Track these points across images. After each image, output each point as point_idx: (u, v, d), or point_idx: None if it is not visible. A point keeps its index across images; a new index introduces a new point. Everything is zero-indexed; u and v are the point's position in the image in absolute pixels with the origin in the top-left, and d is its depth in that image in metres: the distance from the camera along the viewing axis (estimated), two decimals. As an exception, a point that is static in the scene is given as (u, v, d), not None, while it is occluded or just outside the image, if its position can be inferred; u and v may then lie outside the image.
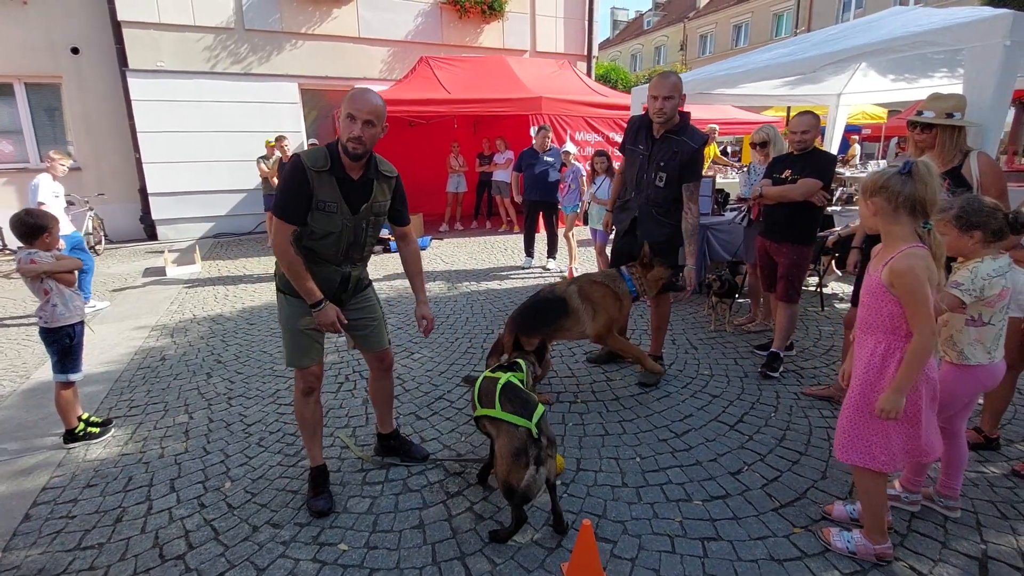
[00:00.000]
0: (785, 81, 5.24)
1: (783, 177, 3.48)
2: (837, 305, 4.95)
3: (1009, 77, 2.70)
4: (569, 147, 6.39)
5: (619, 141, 3.61)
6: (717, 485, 2.40)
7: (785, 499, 2.30)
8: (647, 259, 3.16)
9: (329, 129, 9.89)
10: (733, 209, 5.63)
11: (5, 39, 8.42)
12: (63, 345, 2.84)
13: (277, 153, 7.68)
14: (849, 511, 2.13)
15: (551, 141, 6.66)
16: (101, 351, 4.26)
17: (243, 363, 3.96)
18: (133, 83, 8.87)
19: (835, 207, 5.57)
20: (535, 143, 6.58)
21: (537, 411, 2.04)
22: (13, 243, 8.05)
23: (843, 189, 6.34)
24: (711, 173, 8.21)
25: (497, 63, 9.69)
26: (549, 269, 6.57)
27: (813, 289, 5.11)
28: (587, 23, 12.02)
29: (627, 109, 7.98)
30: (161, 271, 6.93)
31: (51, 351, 2.85)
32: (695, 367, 3.68)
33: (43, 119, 9.23)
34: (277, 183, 6.35)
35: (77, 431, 2.89)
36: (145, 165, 9.17)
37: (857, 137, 14.16)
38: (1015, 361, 2.38)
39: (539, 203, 6.61)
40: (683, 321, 4.58)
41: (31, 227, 2.80)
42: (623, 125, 3.60)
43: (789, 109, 12.17)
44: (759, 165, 4.37)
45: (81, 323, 2.93)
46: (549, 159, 6.47)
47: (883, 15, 4.30)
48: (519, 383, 2.23)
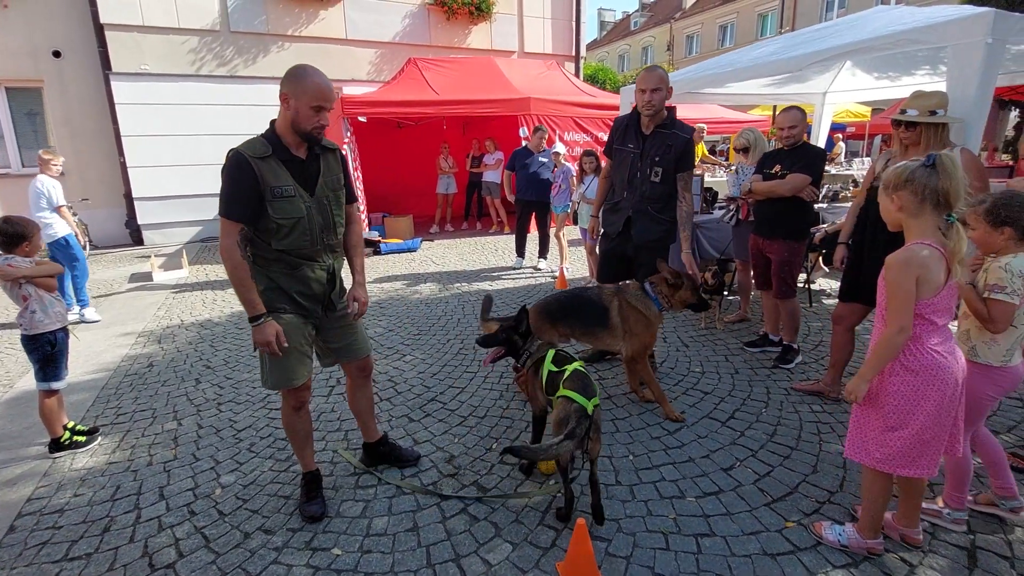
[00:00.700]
0: (771, 80, 5.29)
1: (773, 172, 3.51)
2: (825, 301, 5.00)
3: (991, 74, 2.74)
4: (559, 147, 6.41)
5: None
6: (710, 481, 2.41)
7: (777, 494, 2.31)
8: (674, 279, 2.99)
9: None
10: (721, 207, 5.68)
11: (-16, 42, 8.29)
12: (44, 353, 2.79)
13: None
14: (837, 532, 2.02)
15: (545, 143, 6.68)
16: (87, 358, 4.19)
17: (232, 368, 3.92)
18: (117, 86, 8.76)
19: (821, 204, 5.63)
20: (532, 143, 6.58)
21: (595, 399, 2.15)
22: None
23: (829, 186, 6.41)
24: (699, 172, 8.27)
25: (485, 64, 9.69)
26: (540, 269, 6.58)
27: (801, 285, 5.15)
28: (575, 24, 12.07)
29: (616, 109, 8.01)
30: (148, 276, 6.85)
31: (32, 359, 2.80)
32: (686, 364, 3.70)
33: (24, 123, 9.07)
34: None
35: (63, 440, 2.84)
36: (130, 169, 9.05)
37: (841, 135, 14.34)
38: None
39: (533, 203, 6.62)
40: (674, 319, 4.60)
41: (10, 236, 2.75)
42: (611, 125, 3.58)
43: (775, 108, 12.31)
44: (745, 166, 4.41)
45: (63, 330, 2.88)
46: (543, 159, 6.48)
47: (867, 14, 4.36)
48: (585, 371, 2.29)
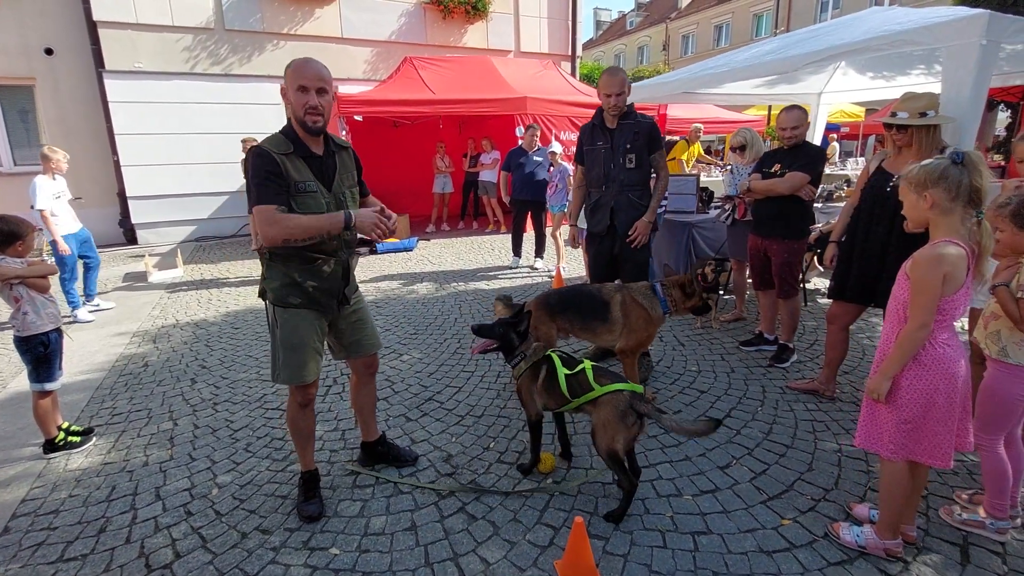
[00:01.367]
0: (767, 80, 5.31)
1: (772, 171, 3.53)
2: (820, 300, 5.03)
3: (985, 75, 2.76)
4: (555, 147, 6.41)
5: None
6: (706, 480, 2.42)
7: (773, 492, 2.33)
8: (689, 287, 3.02)
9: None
10: (716, 207, 5.69)
11: (-25, 40, 8.20)
12: (37, 354, 2.77)
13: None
14: (871, 515, 2.08)
15: (537, 141, 6.68)
16: (81, 358, 4.16)
17: (228, 368, 3.91)
18: (110, 84, 8.69)
19: (816, 204, 5.65)
20: (525, 142, 6.59)
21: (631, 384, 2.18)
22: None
23: (823, 186, 6.44)
24: (695, 171, 8.29)
25: (482, 63, 9.68)
26: (537, 268, 6.58)
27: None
28: (571, 23, 12.07)
29: (612, 108, 8.01)
30: (142, 276, 6.80)
31: (25, 360, 2.78)
32: (682, 364, 3.71)
33: (16, 122, 8.99)
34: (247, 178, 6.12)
35: (57, 441, 2.83)
36: (124, 168, 8.98)
37: (835, 135, 14.43)
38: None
39: (528, 203, 6.63)
40: (669, 318, 4.60)
41: (6, 234, 2.73)
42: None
43: (770, 108, 12.38)
44: (741, 166, 4.43)
45: (57, 330, 2.86)
46: (538, 158, 6.49)
47: (862, 15, 4.37)
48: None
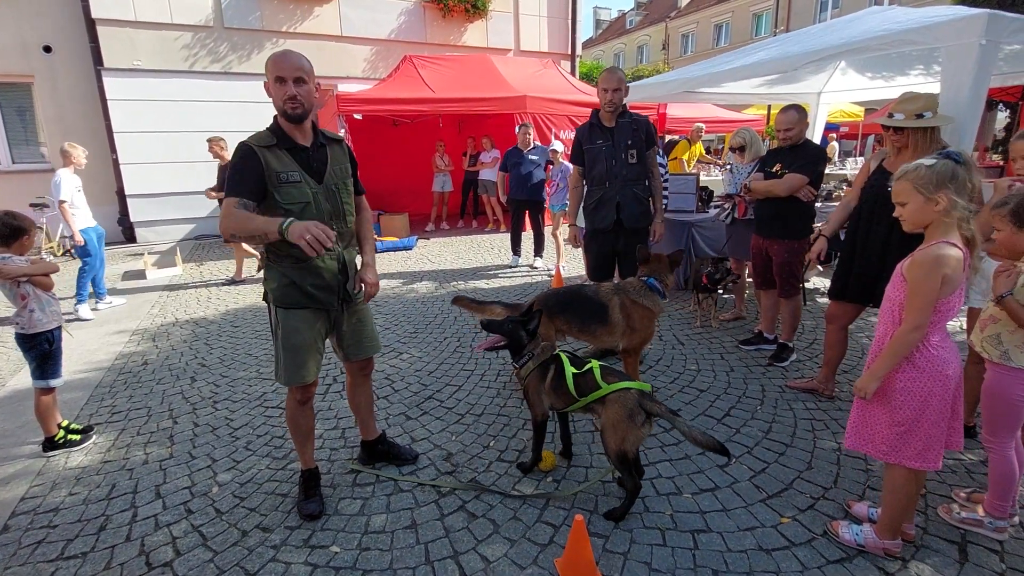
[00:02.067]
0: (766, 80, 5.31)
1: (773, 171, 3.53)
2: (819, 300, 5.04)
3: (984, 75, 2.76)
4: (556, 145, 6.41)
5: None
6: (706, 478, 2.43)
7: (772, 490, 2.34)
8: (673, 256, 3.10)
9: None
10: (716, 206, 5.70)
11: (-27, 37, 8.18)
12: (43, 351, 2.78)
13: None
14: (870, 514, 2.08)
15: (534, 139, 6.68)
16: (80, 356, 4.16)
17: (228, 366, 3.90)
18: (109, 82, 8.68)
19: (816, 204, 5.66)
20: (519, 141, 6.59)
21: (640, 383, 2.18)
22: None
23: (823, 186, 6.44)
24: (695, 171, 8.30)
25: (481, 62, 9.67)
26: (536, 267, 6.59)
27: (796, 284, 5.19)
28: (570, 22, 12.07)
29: (611, 108, 8.01)
30: (141, 274, 6.80)
31: (30, 357, 2.78)
32: (682, 362, 3.72)
33: (14, 120, 8.98)
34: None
35: (57, 439, 2.82)
36: (122, 166, 8.98)
37: (835, 135, 14.45)
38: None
39: (525, 202, 6.63)
40: (669, 317, 4.62)
41: (13, 229, 2.74)
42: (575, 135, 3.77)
43: (770, 107, 12.38)
44: (740, 166, 4.43)
45: (59, 328, 2.87)
46: (534, 157, 6.49)
47: (861, 14, 4.38)
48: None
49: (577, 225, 3.94)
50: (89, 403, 3.40)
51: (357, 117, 8.59)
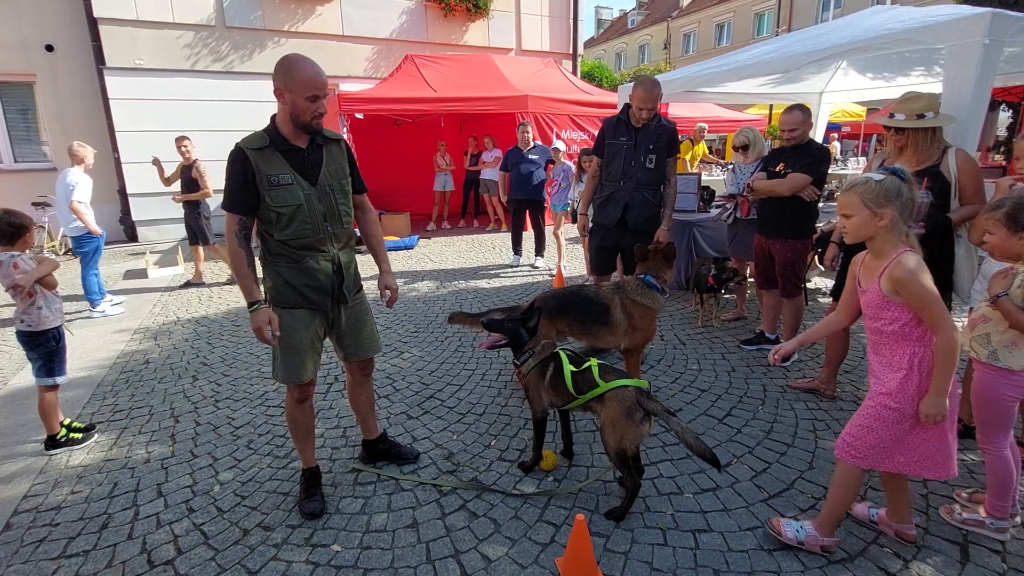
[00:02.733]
0: (768, 79, 5.31)
1: (776, 170, 3.53)
2: (820, 300, 5.03)
3: (987, 75, 2.75)
4: (558, 145, 6.41)
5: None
6: (707, 478, 2.42)
7: (774, 490, 2.33)
8: (666, 249, 3.11)
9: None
10: (718, 206, 5.69)
11: (-24, 36, 8.20)
12: (49, 348, 2.80)
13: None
14: (871, 514, 2.08)
15: (535, 138, 6.67)
16: (82, 355, 4.17)
17: (230, 365, 3.91)
18: (110, 81, 8.69)
19: (818, 203, 5.65)
20: (519, 141, 6.60)
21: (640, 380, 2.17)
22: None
23: (825, 186, 6.43)
24: (697, 171, 8.29)
25: (483, 61, 9.67)
26: (537, 267, 6.59)
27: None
28: (572, 22, 12.06)
29: (613, 107, 8.01)
30: (143, 273, 6.80)
31: (36, 355, 2.79)
32: (683, 362, 3.71)
33: (16, 119, 8.99)
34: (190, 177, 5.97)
35: (59, 437, 2.83)
36: (124, 165, 8.99)
37: (836, 135, 14.43)
38: None
39: (524, 202, 6.64)
40: (671, 317, 4.62)
41: (16, 227, 2.75)
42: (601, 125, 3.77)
43: (771, 107, 12.37)
44: (742, 165, 4.43)
45: (61, 325, 2.89)
46: (534, 157, 6.49)
47: (863, 14, 4.38)
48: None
49: (588, 215, 3.95)
50: (91, 402, 3.40)
51: (359, 116, 8.59)
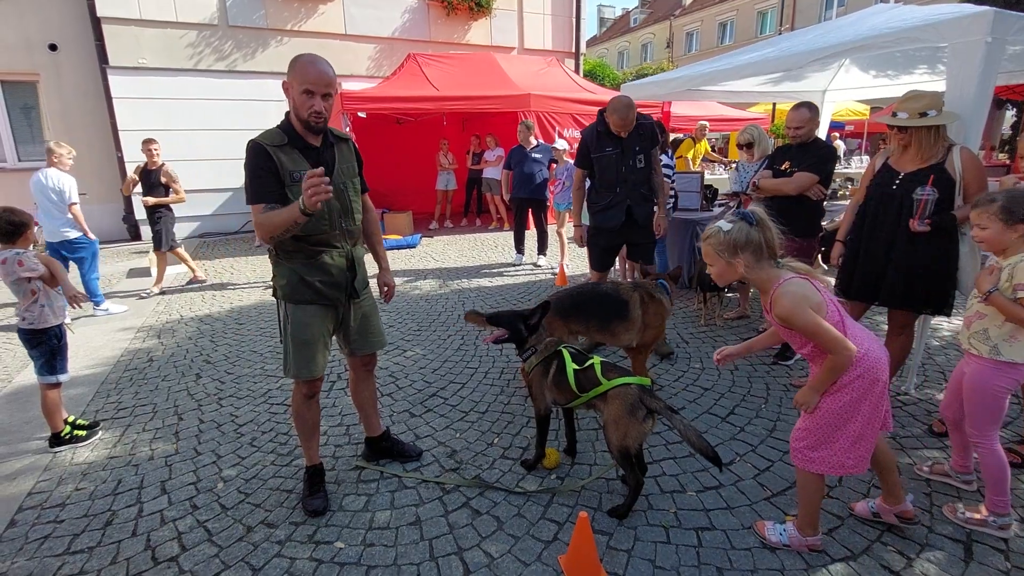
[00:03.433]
0: (771, 78, 5.29)
1: (782, 168, 3.51)
2: (824, 298, 5.02)
3: (990, 73, 2.74)
4: (560, 143, 6.40)
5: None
6: (710, 476, 2.42)
7: (777, 488, 2.33)
8: (675, 273, 3.30)
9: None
10: (721, 205, 5.69)
11: (-20, 35, 8.22)
12: (51, 346, 2.81)
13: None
14: (870, 507, 2.09)
15: (536, 136, 6.66)
16: (85, 353, 4.18)
17: (233, 363, 3.92)
18: (114, 80, 8.71)
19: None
20: (521, 139, 6.59)
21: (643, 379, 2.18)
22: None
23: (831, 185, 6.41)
24: (700, 169, 8.28)
25: (485, 60, 9.66)
26: (540, 266, 6.59)
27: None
28: (574, 20, 12.04)
29: (615, 106, 7.99)
30: (146, 272, 6.82)
31: (38, 352, 2.80)
32: (686, 361, 3.71)
33: (19, 118, 9.01)
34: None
35: (63, 434, 2.84)
36: (127, 164, 8.97)
37: (839, 133, 14.39)
38: None
39: (527, 200, 6.63)
40: (673, 316, 4.61)
41: (17, 225, 2.77)
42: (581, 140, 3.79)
43: (775, 105, 12.34)
44: (747, 163, 4.42)
45: (62, 323, 2.90)
46: (537, 156, 6.48)
47: (866, 12, 4.35)
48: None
49: (583, 225, 3.95)
50: (95, 399, 3.42)
51: (361, 115, 8.59)
